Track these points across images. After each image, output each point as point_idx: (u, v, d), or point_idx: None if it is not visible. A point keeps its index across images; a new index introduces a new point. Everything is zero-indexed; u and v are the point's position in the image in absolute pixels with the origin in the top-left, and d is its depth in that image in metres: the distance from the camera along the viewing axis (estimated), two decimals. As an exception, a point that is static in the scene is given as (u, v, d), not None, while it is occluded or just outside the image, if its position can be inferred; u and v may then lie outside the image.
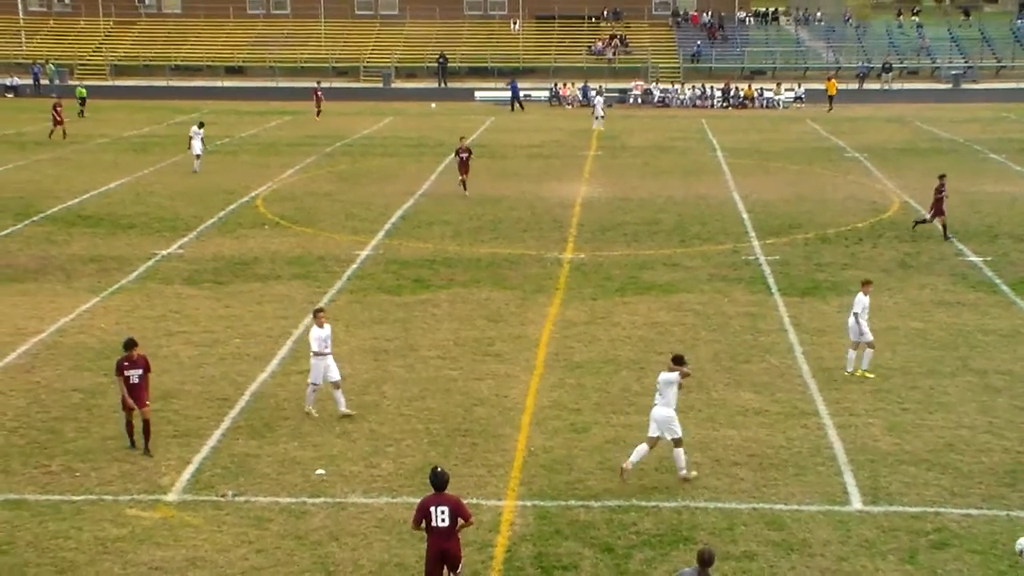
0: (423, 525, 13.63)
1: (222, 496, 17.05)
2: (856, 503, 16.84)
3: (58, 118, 56.78)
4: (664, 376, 17.51)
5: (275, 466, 18.11)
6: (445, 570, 13.75)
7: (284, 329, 25.11)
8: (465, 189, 41.08)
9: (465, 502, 14.02)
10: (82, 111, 66.63)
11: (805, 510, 16.59)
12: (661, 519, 16.31)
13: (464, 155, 41.44)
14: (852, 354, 22.39)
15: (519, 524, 16.19)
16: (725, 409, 20.44)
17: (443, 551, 13.58)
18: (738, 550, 15.43)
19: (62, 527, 16.18)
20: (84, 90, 70.10)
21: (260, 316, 26.13)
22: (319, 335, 19.89)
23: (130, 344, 18.68)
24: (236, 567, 15.07)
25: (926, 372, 22.34)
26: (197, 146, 46.50)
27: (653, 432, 17.45)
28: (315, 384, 20.09)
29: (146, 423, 18.54)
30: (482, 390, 21.41)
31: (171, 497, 17.02)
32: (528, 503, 16.81)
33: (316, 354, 19.87)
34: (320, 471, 17.88)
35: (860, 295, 22.37)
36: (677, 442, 17.44)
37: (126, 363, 18.45)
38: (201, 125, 47.94)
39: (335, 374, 20.07)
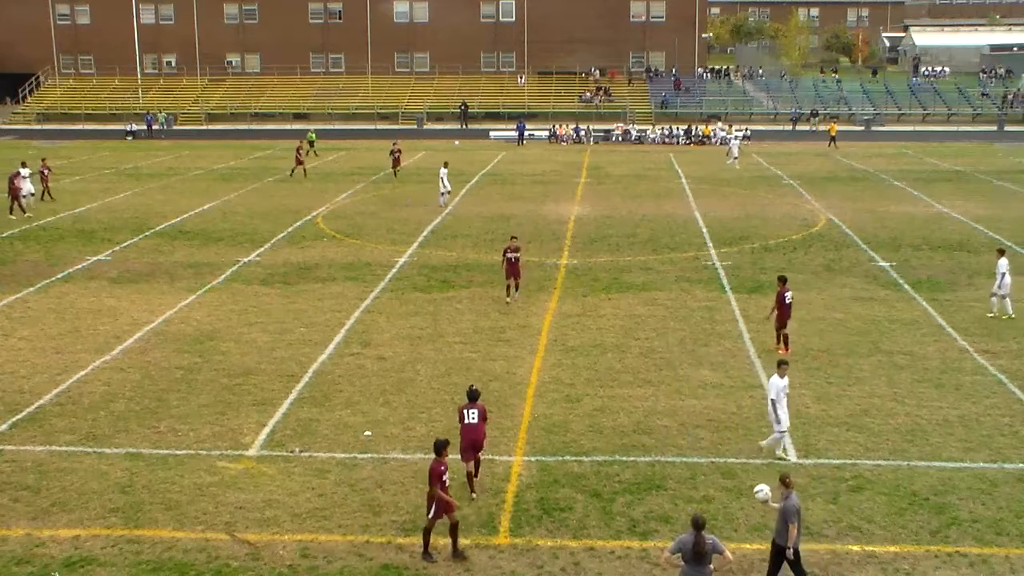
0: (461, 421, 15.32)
1: (291, 452, 17.01)
2: (792, 457, 16.71)
3: (300, 158, 53.04)
4: None
5: (332, 429, 18.04)
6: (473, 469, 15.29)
7: (339, 320, 25.00)
8: (508, 295, 26.47)
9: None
10: (311, 151, 62.44)
11: (752, 463, 16.48)
12: (638, 471, 16.22)
13: (512, 255, 26.24)
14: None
15: (525, 475, 16.11)
16: (689, 383, 20.30)
17: (473, 440, 15.26)
18: (699, 495, 15.34)
19: (168, 474, 16.18)
20: (314, 134, 66.63)
21: (320, 310, 26.02)
22: (778, 384, 16.52)
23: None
24: (302, 507, 15.04)
25: (846, 353, 22.19)
26: (444, 183, 42.46)
27: None
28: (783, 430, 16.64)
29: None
30: (495, 368, 21.30)
31: (251, 452, 17.00)
32: (532, 458, 16.72)
33: (774, 401, 16.52)
34: (367, 433, 17.80)
35: None
36: None
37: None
38: (446, 164, 44.04)
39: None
